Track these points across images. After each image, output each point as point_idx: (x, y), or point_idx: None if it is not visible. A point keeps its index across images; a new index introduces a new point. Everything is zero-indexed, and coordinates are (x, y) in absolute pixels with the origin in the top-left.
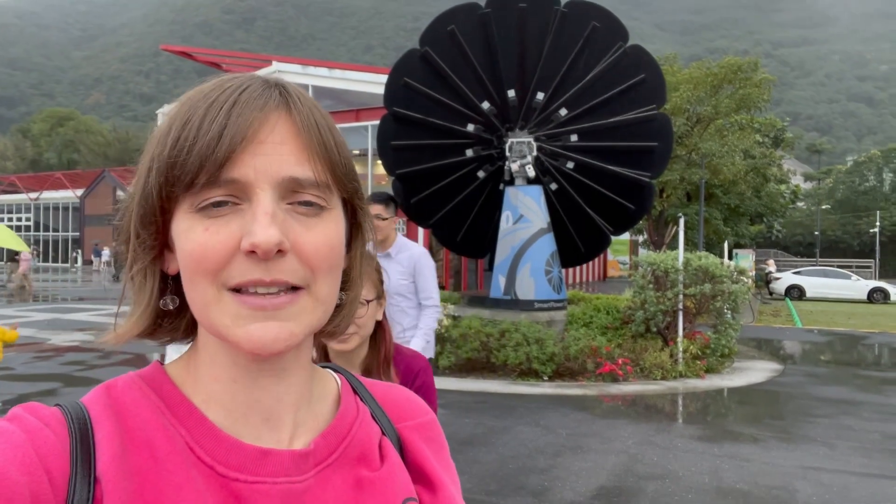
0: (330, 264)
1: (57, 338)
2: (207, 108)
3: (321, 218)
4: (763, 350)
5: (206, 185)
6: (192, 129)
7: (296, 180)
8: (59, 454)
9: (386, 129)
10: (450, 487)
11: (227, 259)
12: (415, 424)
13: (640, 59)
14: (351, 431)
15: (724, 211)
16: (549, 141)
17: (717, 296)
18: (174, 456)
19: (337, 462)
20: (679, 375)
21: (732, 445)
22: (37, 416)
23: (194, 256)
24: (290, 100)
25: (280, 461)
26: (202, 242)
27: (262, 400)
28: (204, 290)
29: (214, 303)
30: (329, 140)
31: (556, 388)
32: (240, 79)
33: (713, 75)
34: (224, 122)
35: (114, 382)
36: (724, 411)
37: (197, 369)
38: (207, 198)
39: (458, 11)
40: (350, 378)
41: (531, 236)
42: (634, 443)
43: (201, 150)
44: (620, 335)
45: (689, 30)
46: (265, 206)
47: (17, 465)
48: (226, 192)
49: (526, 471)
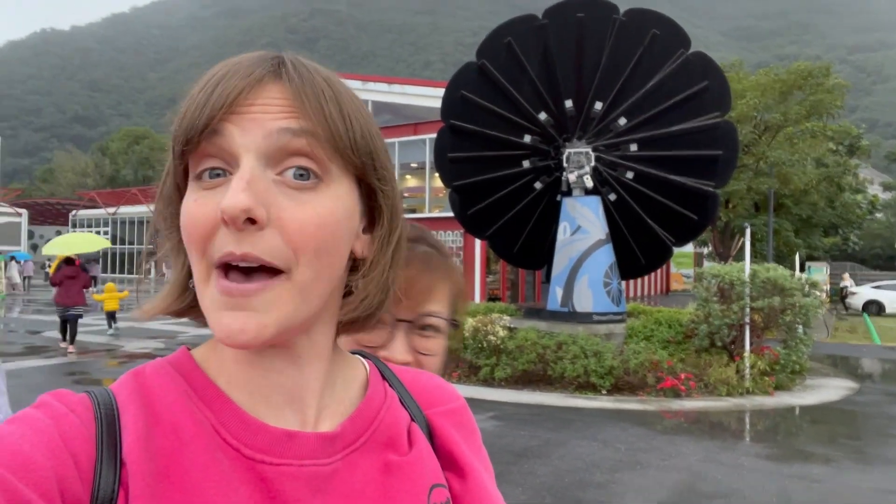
0: (317, 245)
1: (130, 345)
2: (205, 82)
3: (316, 192)
4: (838, 367)
5: (197, 155)
6: (187, 102)
7: (284, 148)
8: (85, 438)
9: (443, 141)
10: (481, 474)
11: (210, 231)
12: (444, 410)
13: (702, 66)
14: (378, 416)
15: (796, 222)
16: (607, 151)
17: (787, 309)
18: (200, 438)
19: (365, 446)
20: (746, 392)
21: (803, 465)
22: (63, 402)
23: (185, 228)
24: (285, 68)
25: (306, 443)
26: (191, 212)
27: (282, 383)
28: (197, 265)
29: (204, 283)
30: (330, 109)
31: (615, 402)
32: (244, 55)
33: (781, 81)
34: (211, 91)
35: (142, 369)
36: (794, 430)
37: (222, 352)
38: (201, 165)
39: (515, 23)
40: (379, 364)
41: (589, 247)
42: (697, 460)
43: (190, 120)
44: (683, 349)
45: (757, 36)
46: (242, 172)
47: (42, 450)
48: (216, 161)
49: (583, 485)
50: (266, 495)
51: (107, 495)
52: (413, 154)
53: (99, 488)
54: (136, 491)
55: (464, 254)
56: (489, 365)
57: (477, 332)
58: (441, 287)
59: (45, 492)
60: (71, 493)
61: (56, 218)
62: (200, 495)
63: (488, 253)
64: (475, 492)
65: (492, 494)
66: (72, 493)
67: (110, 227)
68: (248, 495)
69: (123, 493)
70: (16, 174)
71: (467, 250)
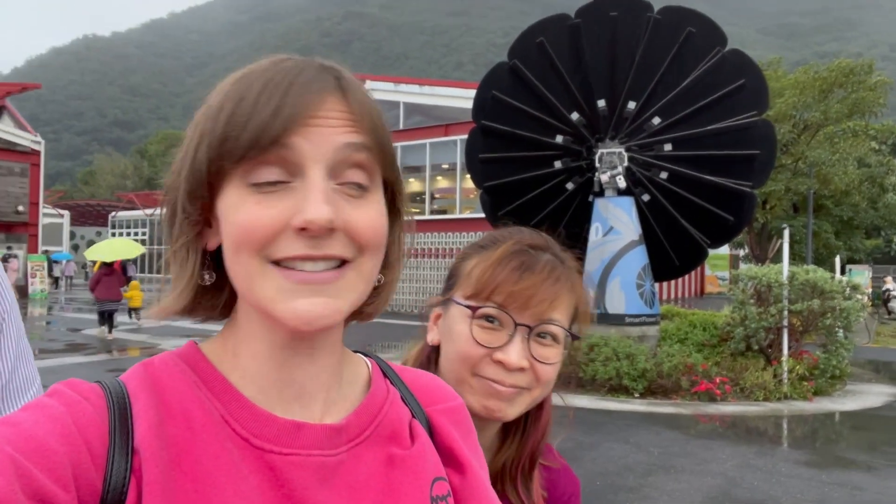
0: (377, 243)
1: (166, 343)
2: (263, 86)
3: (366, 199)
4: (880, 373)
5: (259, 160)
6: (248, 105)
7: (346, 160)
8: (98, 426)
9: (474, 142)
10: (479, 470)
11: (276, 234)
12: (444, 408)
13: (739, 64)
14: (382, 411)
15: (836, 223)
16: (641, 151)
17: (827, 312)
18: (210, 428)
19: (369, 439)
20: (783, 397)
21: (843, 472)
22: (76, 390)
23: (244, 228)
24: (345, 84)
25: (313, 434)
26: (254, 214)
27: (295, 377)
28: (248, 261)
29: (258, 275)
30: (380, 126)
31: (648, 405)
32: (295, 61)
33: (822, 79)
34: (280, 101)
35: (150, 360)
36: (834, 436)
37: (236, 346)
38: (260, 174)
39: (547, 23)
40: (380, 362)
41: (621, 248)
42: (733, 465)
43: (257, 125)
44: (718, 353)
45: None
46: (318, 184)
47: (56, 437)
48: (279, 169)
49: (615, 488)
50: (274, 484)
51: (118, 482)
52: (444, 155)
53: (111, 475)
54: (149, 478)
55: None
56: None
57: None
58: (564, 297)
59: (59, 477)
60: (85, 479)
61: (96, 219)
62: (211, 484)
63: None
64: (474, 487)
65: (489, 491)
66: (85, 479)
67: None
68: (256, 484)
69: (135, 480)
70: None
71: None
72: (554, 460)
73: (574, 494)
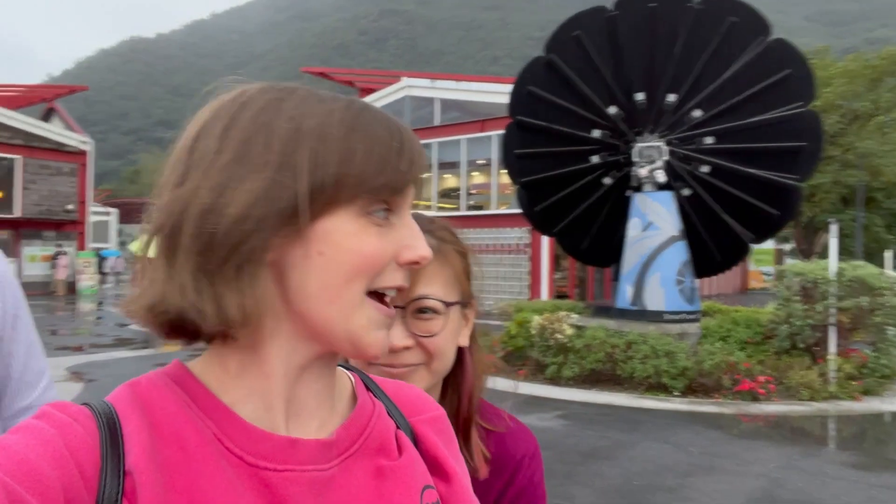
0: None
1: None
2: (403, 137)
3: None
4: None
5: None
6: (383, 148)
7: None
8: (90, 448)
9: (510, 137)
10: (464, 478)
11: (386, 263)
12: (427, 418)
13: (784, 54)
14: (370, 423)
15: (887, 217)
16: (681, 144)
17: (876, 310)
18: (203, 448)
19: (358, 452)
20: (830, 397)
21: (893, 475)
22: (66, 412)
23: (369, 256)
24: None
25: (307, 450)
26: (377, 246)
27: (299, 394)
28: (357, 291)
29: (359, 305)
30: None
31: (688, 404)
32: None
33: (872, 68)
34: (412, 155)
35: (137, 380)
36: (883, 437)
37: (243, 365)
38: (373, 206)
39: (583, 16)
40: (363, 376)
41: (661, 244)
42: (777, 466)
43: (395, 174)
44: (762, 351)
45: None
46: (415, 223)
47: (48, 460)
48: (385, 204)
49: (653, 489)
50: (270, 500)
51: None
52: (480, 151)
53: (103, 498)
54: (143, 501)
55: (531, 251)
56: (556, 363)
57: (544, 329)
58: (431, 270)
59: (51, 501)
60: (77, 502)
61: (142, 217)
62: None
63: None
64: (460, 494)
65: (473, 498)
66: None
67: None
68: (252, 501)
69: (127, 502)
70: (105, 175)
71: (535, 247)
72: (499, 424)
73: (528, 455)
